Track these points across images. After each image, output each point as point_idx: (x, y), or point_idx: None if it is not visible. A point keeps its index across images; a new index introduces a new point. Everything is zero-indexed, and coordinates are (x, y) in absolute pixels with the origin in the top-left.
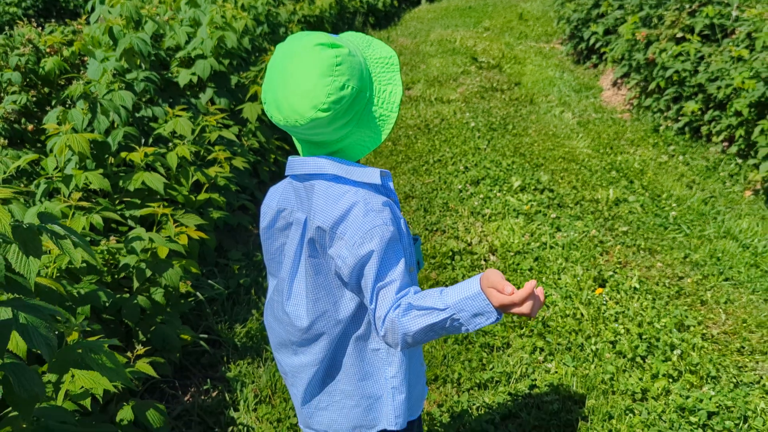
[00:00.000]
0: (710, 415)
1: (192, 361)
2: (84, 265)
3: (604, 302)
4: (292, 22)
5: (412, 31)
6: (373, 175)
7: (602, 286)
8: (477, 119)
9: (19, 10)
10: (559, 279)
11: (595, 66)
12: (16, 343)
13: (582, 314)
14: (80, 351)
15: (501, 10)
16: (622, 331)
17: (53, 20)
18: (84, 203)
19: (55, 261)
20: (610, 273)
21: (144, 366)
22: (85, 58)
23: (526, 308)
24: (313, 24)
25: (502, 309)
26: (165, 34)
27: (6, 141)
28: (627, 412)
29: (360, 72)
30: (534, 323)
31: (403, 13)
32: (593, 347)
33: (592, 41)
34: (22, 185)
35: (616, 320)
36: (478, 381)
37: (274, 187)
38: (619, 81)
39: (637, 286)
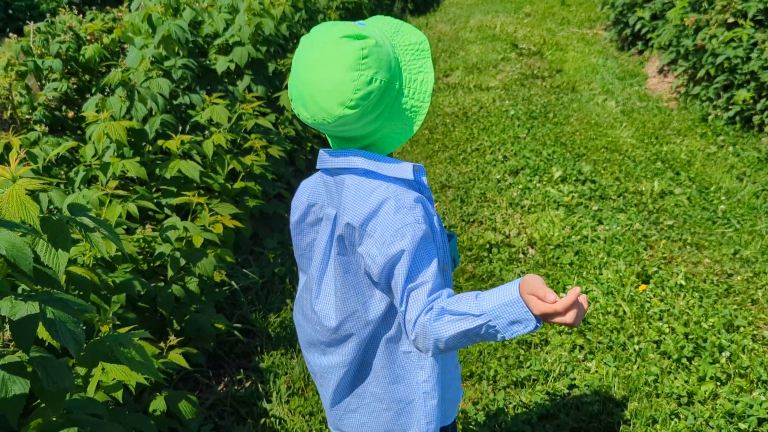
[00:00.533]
0: (761, 421)
1: (226, 351)
2: (119, 254)
3: (648, 299)
4: (330, 8)
5: (451, 17)
6: (405, 170)
7: (646, 282)
8: (516, 107)
9: None
10: (601, 274)
11: (641, 53)
12: (43, 338)
13: (624, 312)
14: (109, 344)
15: None
16: (667, 330)
17: (95, 8)
18: (120, 191)
19: (90, 249)
20: (655, 269)
21: (176, 357)
22: (125, 46)
23: (569, 318)
24: (351, 10)
25: (544, 318)
26: (203, 21)
27: (47, 128)
28: (672, 416)
29: (388, 63)
30: None
31: None
32: (636, 347)
33: (637, 27)
34: (62, 172)
35: (660, 319)
36: (514, 379)
37: (305, 180)
38: (665, 68)
39: (683, 283)
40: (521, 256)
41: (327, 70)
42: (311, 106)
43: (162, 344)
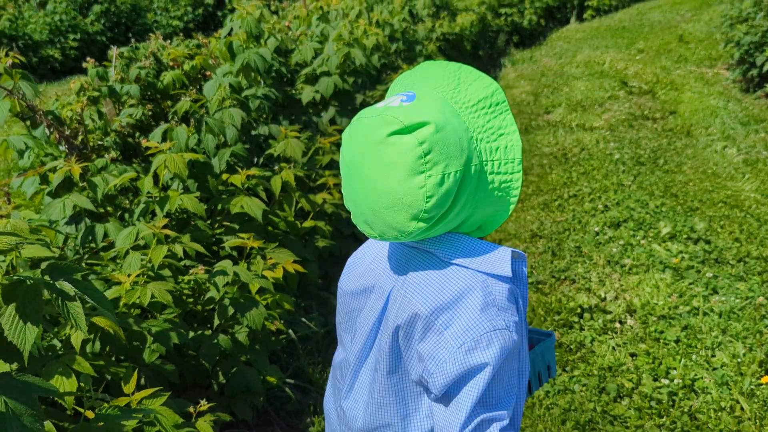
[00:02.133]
0: None
1: (276, 407)
2: (158, 299)
3: None
4: (429, 39)
5: (557, 52)
6: (502, 263)
7: None
8: (622, 150)
9: (180, 24)
10: (714, 357)
11: None
12: None
13: (742, 409)
14: (101, 425)
15: (658, 31)
16: None
17: (211, 32)
18: (167, 231)
19: (126, 294)
20: None
21: (204, 427)
22: (208, 73)
23: None
24: (452, 42)
25: None
26: (292, 49)
27: (120, 155)
28: None
29: (459, 145)
30: (678, 413)
31: (549, 32)
32: None
33: (766, 68)
34: (127, 201)
35: None
36: None
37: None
38: None
39: None
40: (618, 325)
41: (384, 183)
42: (377, 224)
43: (201, 402)
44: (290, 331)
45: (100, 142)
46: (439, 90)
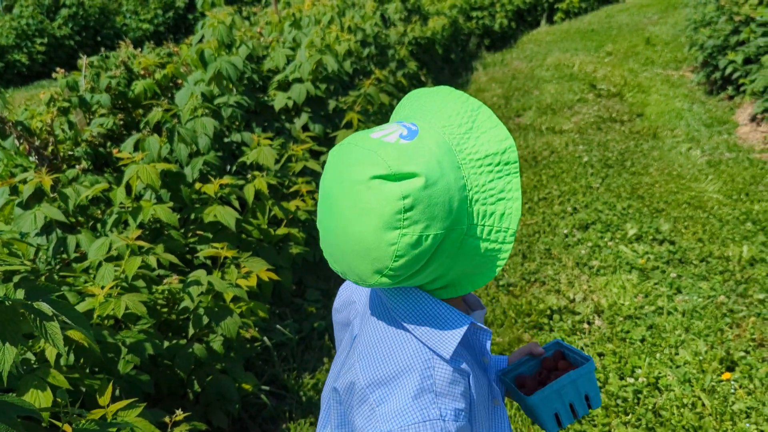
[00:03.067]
0: None
1: (252, 414)
2: (132, 311)
3: (733, 391)
4: (402, 44)
5: (528, 54)
6: (446, 342)
7: (731, 369)
8: (591, 153)
9: (151, 27)
10: (677, 355)
11: (731, 98)
12: None
13: (704, 405)
14: None
15: (626, 34)
16: None
17: (180, 37)
18: (141, 242)
19: (99, 306)
20: (742, 353)
21: None
22: (179, 81)
23: None
24: (424, 46)
25: None
26: (264, 56)
27: (91, 165)
28: None
29: (447, 204)
30: (643, 410)
31: (520, 35)
32: None
33: (728, 71)
34: (98, 212)
35: (747, 417)
36: None
37: None
38: (759, 116)
39: None
40: (586, 326)
41: (356, 226)
42: (341, 262)
43: (177, 412)
44: (265, 338)
45: (70, 153)
46: (447, 130)
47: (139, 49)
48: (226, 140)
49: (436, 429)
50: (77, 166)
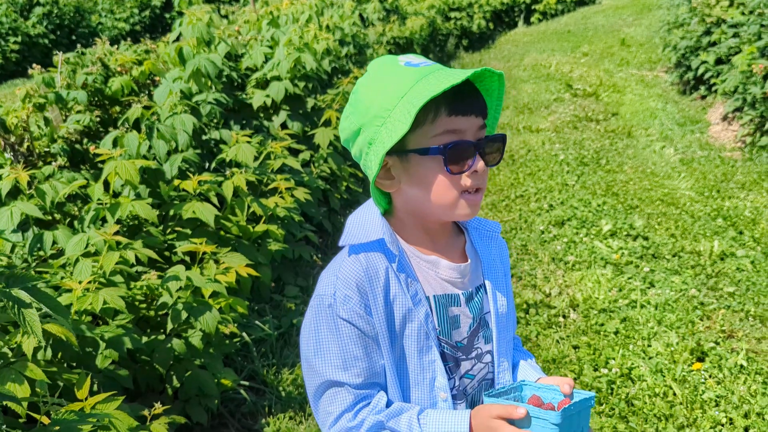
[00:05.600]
0: None
1: (231, 409)
2: (111, 306)
3: (703, 381)
4: (380, 43)
5: (505, 55)
6: (352, 238)
7: (701, 360)
8: (567, 151)
9: (127, 26)
10: (649, 346)
11: (703, 98)
12: None
13: (675, 394)
14: (57, 429)
15: (602, 35)
16: (724, 420)
17: (156, 36)
18: (119, 238)
19: (77, 300)
20: (711, 344)
21: (159, 429)
22: (157, 78)
23: None
24: (402, 46)
25: None
26: (242, 54)
27: (67, 161)
28: None
29: (365, 108)
30: (616, 400)
31: (498, 35)
32: None
33: (700, 71)
34: (76, 208)
35: (716, 405)
36: None
37: None
38: (729, 116)
39: (744, 363)
40: (561, 319)
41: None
42: None
43: (156, 405)
44: (244, 334)
45: (46, 149)
46: (398, 76)
47: (116, 47)
48: (204, 138)
49: (324, 304)
50: (53, 163)
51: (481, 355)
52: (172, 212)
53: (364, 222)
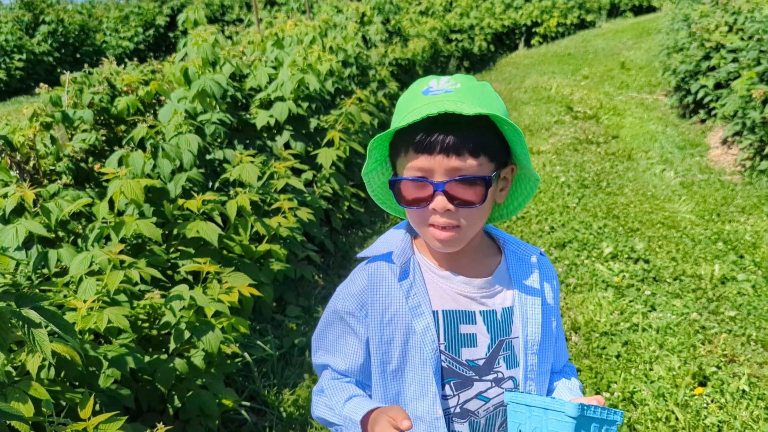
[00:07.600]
0: None
1: (232, 429)
2: (115, 324)
3: (705, 406)
4: (382, 64)
5: (506, 77)
6: (370, 251)
7: (703, 384)
8: (568, 174)
9: (131, 45)
10: (651, 370)
11: (703, 122)
12: None
13: (677, 419)
14: None
15: (602, 58)
16: None
17: (161, 56)
18: (123, 257)
19: (81, 319)
20: (713, 369)
21: None
22: (162, 98)
23: None
24: (404, 67)
25: None
26: (246, 74)
27: (72, 180)
28: None
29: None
30: None
31: (499, 57)
32: None
33: (700, 95)
34: (80, 226)
35: (719, 430)
36: None
37: None
38: (729, 139)
39: (747, 388)
40: None
41: None
42: None
43: (158, 426)
44: (246, 354)
45: (52, 168)
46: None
47: (123, 66)
48: (208, 157)
49: (329, 309)
50: (58, 181)
51: (501, 379)
52: (175, 231)
53: (389, 237)
